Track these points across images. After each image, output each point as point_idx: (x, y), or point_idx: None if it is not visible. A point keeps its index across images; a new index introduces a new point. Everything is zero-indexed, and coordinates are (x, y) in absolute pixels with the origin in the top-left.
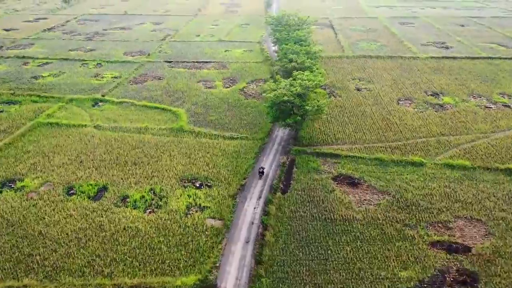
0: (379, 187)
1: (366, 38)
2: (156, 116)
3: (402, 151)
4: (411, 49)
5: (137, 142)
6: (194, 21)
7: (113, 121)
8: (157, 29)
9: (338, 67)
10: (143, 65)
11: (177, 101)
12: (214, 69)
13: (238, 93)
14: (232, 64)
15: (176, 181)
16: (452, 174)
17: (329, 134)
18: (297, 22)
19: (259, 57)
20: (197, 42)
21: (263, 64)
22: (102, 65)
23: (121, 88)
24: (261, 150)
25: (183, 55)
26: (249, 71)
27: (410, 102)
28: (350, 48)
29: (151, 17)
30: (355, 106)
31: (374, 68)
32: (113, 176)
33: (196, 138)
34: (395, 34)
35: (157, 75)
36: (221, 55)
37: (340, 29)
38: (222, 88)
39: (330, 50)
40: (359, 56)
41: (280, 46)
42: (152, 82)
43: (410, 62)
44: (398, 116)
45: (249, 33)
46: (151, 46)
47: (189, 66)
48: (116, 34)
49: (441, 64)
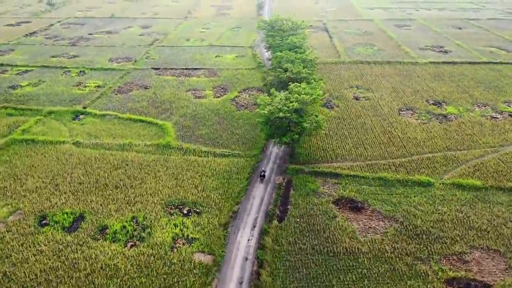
0: (385, 212)
1: (362, 42)
2: (141, 130)
3: (407, 169)
4: (409, 54)
5: (120, 161)
6: (184, 24)
7: (94, 136)
8: (145, 33)
9: (335, 74)
10: (129, 72)
11: (164, 113)
12: (204, 77)
13: (229, 103)
14: (223, 71)
15: (161, 208)
16: (463, 195)
17: (327, 150)
18: (291, 26)
19: (252, 63)
20: (187, 47)
21: (255, 71)
22: (85, 73)
23: (105, 99)
24: (255, 169)
25: (171, 62)
26: (241, 79)
27: (412, 113)
28: (346, 53)
29: (139, 20)
30: (354, 118)
31: (372, 74)
32: (92, 202)
33: (184, 155)
34: (391, 38)
35: (144, 83)
36: (212, 61)
37: (335, 32)
38: (212, 97)
39: (326, 55)
40: (356, 61)
41: (273, 54)
42: (138, 92)
43: (409, 68)
44: (401, 128)
45: (241, 37)
46: (138, 51)
47: (177, 73)
48: (102, 39)
49: (441, 69)
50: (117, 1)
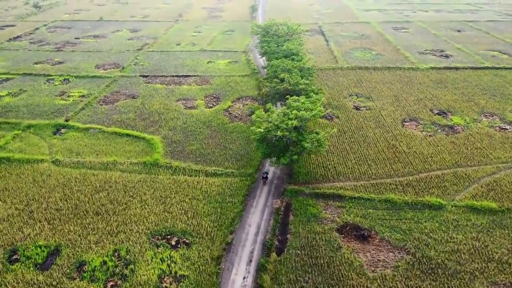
0: (395, 242)
1: (359, 46)
2: (127, 146)
3: (415, 189)
4: (409, 59)
5: (103, 182)
6: (174, 28)
7: (75, 154)
8: (134, 37)
9: (333, 80)
10: (116, 80)
11: (153, 125)
12: (196, 85)
13: (222, 115)
14: (216, 78)
15: (147, 238)
16: (478, 220)
17: (328, 168)
18: (286, 31)
19: (245, 69)
20: (177, 52)
21: (249, 78)
22: (69, 81)
23: (89, 110)
24: (250, 191)
25: (161, 68)
26: (234, 87)
27: (417, 124)
28: (344, 58)
29: (128, 24)
30: (355, 130)
31: (371, 81)
32: (69, 232)
33: (173, 175)
34: (390, 41)
35: (131, 92)
36: (204, 68)
37: (331, 35)
38: (204, 108)
39: (323, 61)
40: (354, 67)
41: (269, 61)
42: (124, 102)
43: (410, 74)
44: (406, 142)
45: (234, 41)
46: (126, 57)
47: (167, 81)
48: (89, 44)
49: (443, 76)
50: (107, 3)
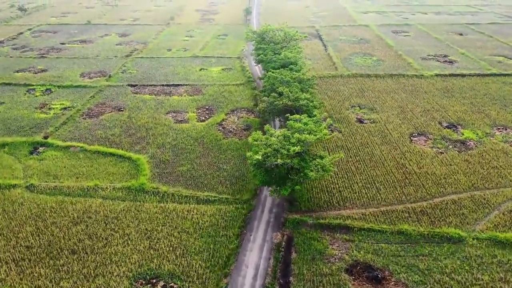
0: (412, 285)
1: (359, 51)
2: (110, 167)
3: (430, 217)
4: (412, 65)
5: (81, 212)
6: (165, 32)
7: (53, 177)
8: (123, 42)
9: (333, 90)
10: (101, 90)
11: (140, 142)
12: (187, 95)
13: (215, 129)
14: (209, 87)
15: (129, 283)
16: (505, 256)
17: (333, 192)
18: (283, 38)
19: (240, 77)
20: (168, 59)
21: (244, 87)
22: (52, 92)
23: (71, 125)
24: (247, 222)
25: (150, 76)
26: (228, 97)
27: (426, 139)
28: (343, 65)
29: (117, 28)
30: (360, 147)
31: (374, 90)
32: (40, 277)
33: (160, 202)
34: (390, 46)
35: (118, 104)
36: (196, 76)
37: (329, 40)
38: (196, 122)
39: (321, 68)
40: (355, 74)
41: (265, 70)
42: (110, 115)
43: (414, 82)
44: (415, 160)
45: (228, 46)
46: (114, 64)
47: (157, 91)
48: (75, 50)
49: (449, 83)
50: (96, 5)
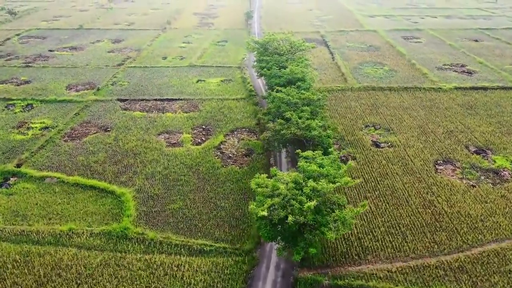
0: None
1: (369, 59)
2: (90, 204)
3: (470, 276)
4: (428, 76)
5: (49, 268)
6: (161, 38)
7: (22, 218)
8: (115, 49)
9: (344, 105)
10: (88, 106)
11: (126, 171)
12: (182, 112)
13: (212, 155)
14: (206, 102)
15: None
16: None
17: (351, 240)
18: (288, 48)
19: (241, 90)
20: (163, 69)
21: (245, 102)
22: (33, 107)
23: (50, 149)
24: (248, 284)
25: (142, 89)
26: (227, 115)
27: (453, 167)
28: (353, 75)
29: (111, 33)
30: (379, 178)
31: (389, 106)
32: None
33: (146, 253)
34: (402, 54)
35: (104, 123)
36: (192, 88)
37: (336, 47)
38: (190, 145)
39: (329, 79)
40: (367, 87)
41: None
42: (95, 137)
43: (432, 96)
44: (444, 196)
45: (227, 54)
46: (104, 74)
47: (149, 107)
48: (64, 58)
49: (471, 98)
50: (90, 8)
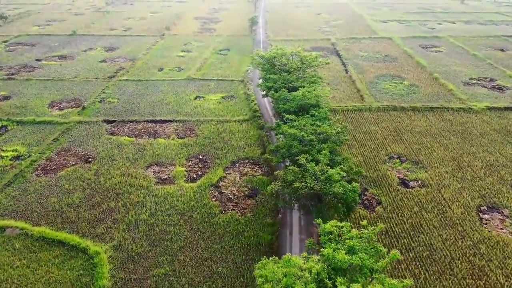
0: None
1: (386, 72)
2: (54, 269)
3: None
4: (454, 93)
5: None
6: (159, 45)
7: None
8: (108, 58)
9: (362, 130)
10: (69, 129)
11: (104, 219)
12: (176, 137)
13: (209, 196)
14: (204, 125)
15: None
16: None
17: None
18: (299, 65)
19: (244, 109)
20: (158, 82)
21: (249, 124)
22: (7, 130)
23: (18, 187)
24: None
25: (133, 108)
26: (228, 142)
27: (501, 216)
28: (370, 92)
29: (105, 39)
30: (412, 232)
31: (414, 131)
32: None
33: None
34: (422, 66)
35: (86, 152)
36: (189, 107)
37: (349, 57)
38: (184, 182)
39: (343, 96)
40: (387, 107)
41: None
42: (73, 170)
43: (463, 118)
44: (497, 260)
45: (230, 64)
46: (92, 89)
47: (139, 130)
48: (51, 68)
49: (508, 122)
50: (86, 12)
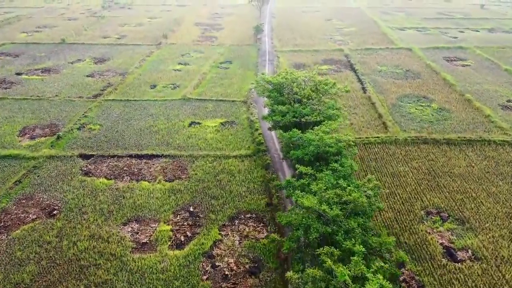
0: None
1: (410, 92)
2: None
3: None
4: (492, 119)
5: None
6: (154, 56)
7: None
8: (97, 71)
9: (389, 172)
10: (37, 167)
11: None
12: (163, 180)
13: (199, 272)
14: (198, 162)
15: None
16: None
17: None
18: (313, 94)
19: (246, 140)
20: (149, 103)
21: (252, 162)
22: None
23: None
24: None
25: (117, 137)
26: (226, 187)
27: None
28: (394, 117)
29: (96, 49)
30: None
31: (452, 174)
32: None
33: None
34: (450, 84)
35: (52, 200)
36: (182, 137)
37: (366, 72)
38: (168, 248)
39: (363, 123)
40: (416, 139)
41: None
42: (31, 228)
43: (509, 155)
44: None
45: (231, 80)
46: (73, 111)
47: (120, 169)
48: (31, 84)
49: None
50: (80, 16)
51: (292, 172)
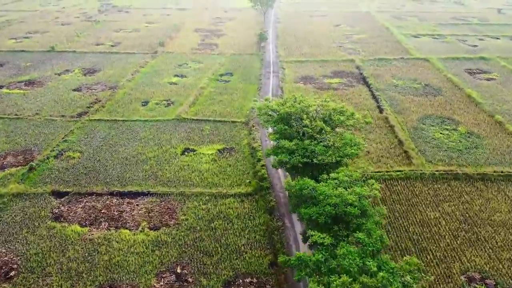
0: None
1: (432, 112)
2: None
3: None
4: None
5: None
6: (148, 67)
7: None
8: (85, 84)
9: (417, 219)
10: (2, 208)
11: None
12: (147, 228)
13: None
14: (190, 202)
15: None
16: None
17: None
18: (326, 127)
19: (246, 172)
20: (139, 124)
21: (253, 202)
22: None
23: None
24: None
25: (99, 168)
26: (222, 239)
27: None
28: (416, 144)
29: (87, 58)
30: None
31: (493, 222)
32: None
33: None
34: (477, 102)
35: (12, 255)
36: (174, 168)
37: (380, 87)
38: None
39: (383, 151)
40: (445, 174)
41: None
42: None
43: None
44: None
45: (232, 96)
46: (52, 134)
47: (97, 210)
48: (11, 99)
49: None
50: (74, 21)
51: (302, 224)
